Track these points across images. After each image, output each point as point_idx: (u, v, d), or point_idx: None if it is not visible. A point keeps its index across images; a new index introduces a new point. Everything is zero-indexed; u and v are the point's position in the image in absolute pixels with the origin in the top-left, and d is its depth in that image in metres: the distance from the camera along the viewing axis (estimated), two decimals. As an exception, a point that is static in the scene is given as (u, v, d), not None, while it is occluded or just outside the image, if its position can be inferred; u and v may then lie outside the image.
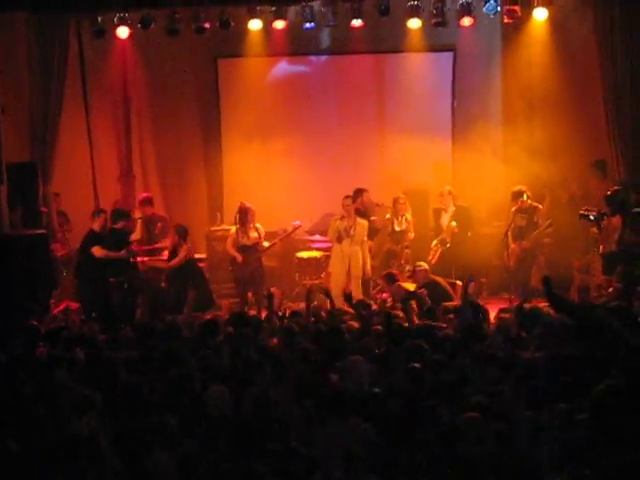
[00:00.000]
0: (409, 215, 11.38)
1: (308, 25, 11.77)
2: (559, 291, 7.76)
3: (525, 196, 10.97)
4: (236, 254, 11.04)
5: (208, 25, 11.65)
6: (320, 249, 11.91)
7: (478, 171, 11.97)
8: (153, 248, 11.43)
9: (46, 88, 11.37)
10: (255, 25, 11.95)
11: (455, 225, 11.10)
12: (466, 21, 11.66)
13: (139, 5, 11.39)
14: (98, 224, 10.68)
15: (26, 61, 11.31)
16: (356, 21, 11.74)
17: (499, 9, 11.46)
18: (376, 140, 12.99)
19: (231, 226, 11.47)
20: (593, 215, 10.03)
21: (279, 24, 11.84)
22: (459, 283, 9.83)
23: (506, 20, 11.70)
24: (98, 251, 10.45)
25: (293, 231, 11.78)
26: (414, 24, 11.83)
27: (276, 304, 8.57)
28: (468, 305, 7.77)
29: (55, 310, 10.42)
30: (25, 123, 11.36)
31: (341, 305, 8.86)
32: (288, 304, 10.76)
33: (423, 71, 12.80)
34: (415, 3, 11.62)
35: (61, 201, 11.89)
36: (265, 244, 11.25)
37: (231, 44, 12.46)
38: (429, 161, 12.69)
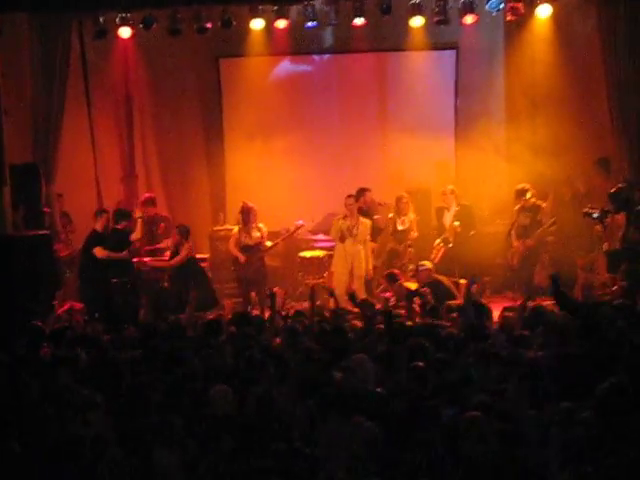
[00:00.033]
0: (412, 214, 11.38)
1: (310, 24, 11.74)
2: (564, 289, 7.75)
3: (528, 194, 10.96)
4: (239, 254, 11.03)
5: (210, 25, 11.61)
6: (323, 248, 11.89)
7: (481, 169, 11.97)
8: (155, 248, 11.43)
9: (48, 89, 11.35)
10: (257, 24, 11.91)
11: (458, 224, 11.08)
12: (468, 19, 11.61)
13: (141, 5, 11.39)
14: (101, 224, 10.67)
15: (28, 62, 11.31)
16: (358, 20, 11.73)
17: (502, 6, 11.42)
18: (379, 139, 12.96)
19: (234, 226, 11.47)
20: (597, 213, 10.02)
21: (281, 23, 11.81)
22: (462, 282, 9.81)
23: (509, 17, 11.67)
24: (100, 252, 10.45)
25: (296, 230, 11.76)
26: (416, 22, 11.79)
27: (279, 304, 8.56)
28: (471, 304, 7.77)
29: (59, 310, 10.41)
30: (28, 124, 11.36)
31: (344, 304, 8.86)
32: (291, 303, 10.79)
33: (425, 69, 12.77)
34: (417, 1, 11.56)
35: (64, 202, 11.88)
36: (268, 244, 11.25)
37: (233, 43, 12.43)
38: (432, 160, 12.69)
